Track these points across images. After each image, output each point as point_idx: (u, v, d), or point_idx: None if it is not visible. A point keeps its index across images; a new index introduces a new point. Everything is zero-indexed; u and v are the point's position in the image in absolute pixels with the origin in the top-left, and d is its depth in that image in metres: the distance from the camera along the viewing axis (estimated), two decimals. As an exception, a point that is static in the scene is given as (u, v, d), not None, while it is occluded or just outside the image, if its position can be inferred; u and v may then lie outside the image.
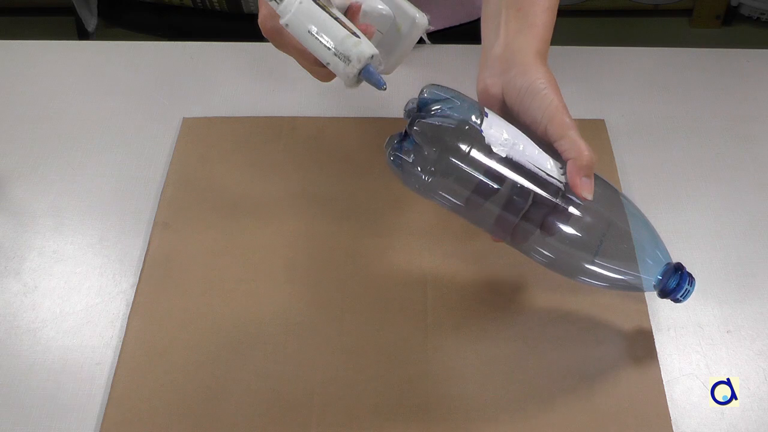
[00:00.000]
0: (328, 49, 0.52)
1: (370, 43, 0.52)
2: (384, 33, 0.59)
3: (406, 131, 0.51)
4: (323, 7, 0.52)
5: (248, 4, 0.98)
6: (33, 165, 0.72)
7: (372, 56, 0.52)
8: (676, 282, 0.55)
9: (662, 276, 0.55)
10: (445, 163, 0.50)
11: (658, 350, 0.58)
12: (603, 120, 0.75)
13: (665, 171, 0.71)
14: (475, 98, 0.57)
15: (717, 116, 0.76)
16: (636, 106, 0.77)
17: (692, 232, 0.66)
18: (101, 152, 0.73)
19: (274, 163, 0.71)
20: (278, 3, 0.52)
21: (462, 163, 0.50)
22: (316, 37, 0.52)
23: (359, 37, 0.52)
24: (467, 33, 0.77)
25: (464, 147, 0.50)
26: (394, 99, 0.61)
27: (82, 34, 1.10)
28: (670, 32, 2.09)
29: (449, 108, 0.51)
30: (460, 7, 0.84)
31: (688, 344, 0.59)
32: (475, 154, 0.50)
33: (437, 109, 0.51)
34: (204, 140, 0.73)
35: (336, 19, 0.52)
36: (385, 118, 0.74)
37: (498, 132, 0.51)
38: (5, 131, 0.75)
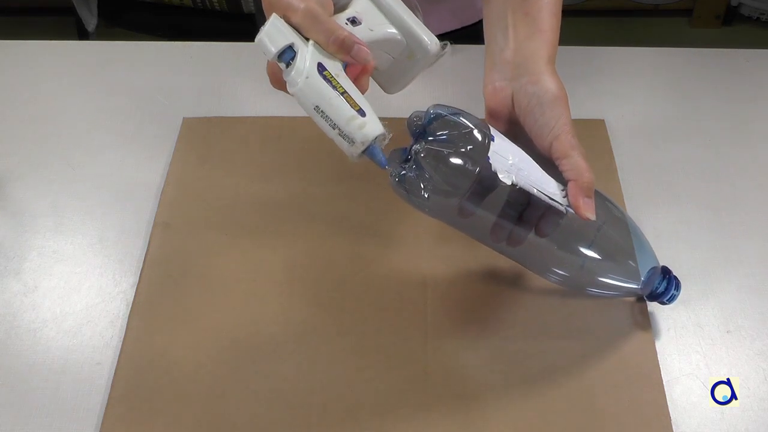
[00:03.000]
0: (333, 128, 0.51)
1: (376, 121, 0.51)
2: (395, 57, 0.58)
3: (410, 154, 0.51)
4: (331, 79, 0.51)
5: (248, 4, 0.98)
6: (33, 165, 0.72)
7: (376, 138, 0.51)
8: (664, 286, 0.57)
9: (648, 279, 0.57)
10: (450, 189, 0.51)
11: (658, 350, 0.58)
12: (603, 120, 0.75)
13: (665, 171, 0.71)
14: (481, 100, 0.57)
15: (717, 116, 0.76)
16: (636, 106, 0.77)
17: (692, 232, 0.66)
18: (101, 152, 0.73)
19: (274, 163, 0.71)
20: (286, 68, 0.52)
21: (467, 190, 0.51)
22: (321, 116, 0.51)
23: (365, 116, 0.51)
24: (467, 36, 0.78)
25: (470, 175, 0.50)
26: (394, 99, 0.61)
27: (82, 34, 1.11)
28: (670, 32, 2.09)
29: (455, 132, 0.51)
30: (460, 11, 0.84)
31: (688, 344, 0.59)
32: (482, 181, 0.51)
33: (443, 133, 0.51)
34: (204, 140, 0.73)
35: (343, 93, 0.51)
36: (384, 117, 0.73)
37: (504, 157, 0.51)
38: (5, 131, 0.75)
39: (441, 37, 0.60)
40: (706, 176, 0.71)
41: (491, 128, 0.52)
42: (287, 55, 0.51)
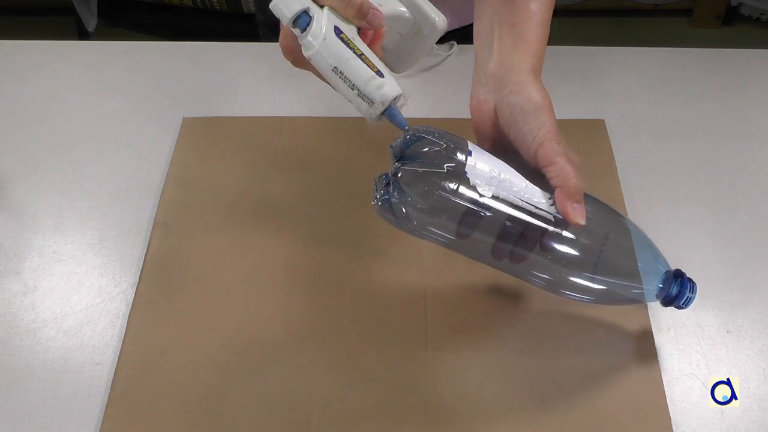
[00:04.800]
0: (351, 89, 0.51)
1: (394, 82, 0.52)
2: (403, 35, 0.59)
3: (391, 179, 0.51)
4: (348, 42, 0.51)
5: (248, 4, 0.98)
6: (33, 165, 0.72)
7: (395, 98, 0.52)
8: (677, 289, 0.55)
9: (663, 284, 0.55)
10: (432, 209, 0.50)
11: (658, 350, 0.58)
12: (603, 120, 0.75)
13: (665, 171, 0.71)
14: (467, 114, 0.57)
15: (717, 116, 0.76)
16: (636, 106, 0.77)
17: (692, 232, 0.66)
18: (101, 152, 0.73)
19: (274, 163, 0.71)
20: (302, 33, 0.52)
21: (448, 207, 0.50)
22: (340, 77, 0.51)
23: (383, 77, 0.51)
24: (468, 35, 0.78)
25: (450, 191, 0.50)
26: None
27: (82, 34, 1.11)
28: (670, 32, 2.09)
29: (433, 151, 0.51)
30: (460, 10, 0.84)
31: (688, 344, 0.59)
32: (461, 197, 0.50)
33: (420, 153, 0.51)
34: (204, 140, 0.73)
35: (360, 55, 0.51)
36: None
37: (483, 170, 0.51)
38: (5, 131, 0.75)
39: (442, 36, 0.60)
40: (706, 176, 0.71)
41: (470, 143, 0.52)
42: (302, 20, 0.52)
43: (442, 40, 0.80)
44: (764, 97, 0.78)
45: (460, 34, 0.82)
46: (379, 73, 0.51)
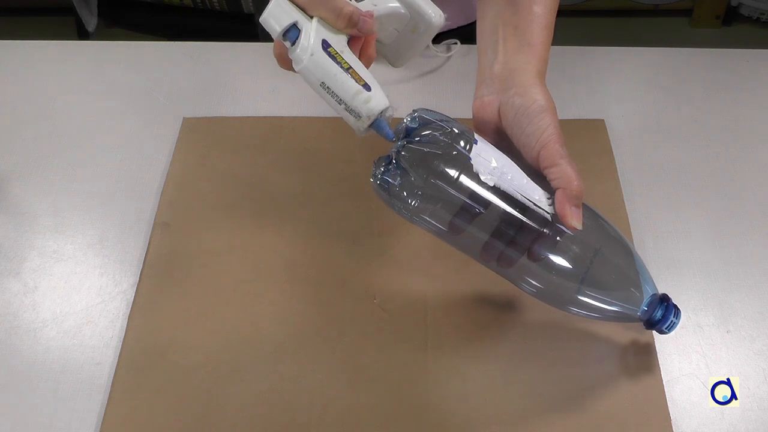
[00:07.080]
0: (339, 103, 0.52)
1: (382, 94, 0.52)
2: (400, 31, 0.59)
3: (393, 156, 0.51)
4: (335, 56, 0.52)
5: (248, 4, 0.98)
6: (33, 165, 0.72)
7: (382, 111, 0.52)
8: (661, 314, 0.54)
9: (648, 307, 0.54)
10: (431, 190, 0.50)
11: (658, 350, 0.58)
12: (603, 120, 0.75)
13: (665, 171, 0.71)
14: (470, 115, 0.57)
15: (717, 116, 0.76)
16: (636, 106, 0.77)
17: (692, 232, 0.66)
18: (101, 152, 0.73)
19: (274, 163, 0.71)
20: (291, 47, 0.52)
21: (448, 190, 0.50)
22: (327, 91, 0.52)
23: (370, 90, 0.52)
24: (466, 35, 0.78)
25: (451, 174, 0.50)
26: (393, 99, 0.61)
27: (82, 34, 1.11)
28: (670, 32, 2.09)
29: (438, 134, 0.51)
30: (467, 7, 0.84)
31: (688, 344, 0.59)
32: (462, 182, 0.50)
33: (426, 135, 0.51)
34: (204, 140, 0.73)
35: (348, 69, 0.52)
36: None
37: (486, 160, 0.51)
38: (5, 131, 0.75)
39: (448, 33, 0.60)
40: (706, 176, 0.71)
41: (476, 134, 0.52)
42: (292, 33, 0.52)
43: (443, 38, 0.80)
44: (764, 97, 0.78)
45: (465, 33, 0.82)
46: (367, 87, 0.52)
